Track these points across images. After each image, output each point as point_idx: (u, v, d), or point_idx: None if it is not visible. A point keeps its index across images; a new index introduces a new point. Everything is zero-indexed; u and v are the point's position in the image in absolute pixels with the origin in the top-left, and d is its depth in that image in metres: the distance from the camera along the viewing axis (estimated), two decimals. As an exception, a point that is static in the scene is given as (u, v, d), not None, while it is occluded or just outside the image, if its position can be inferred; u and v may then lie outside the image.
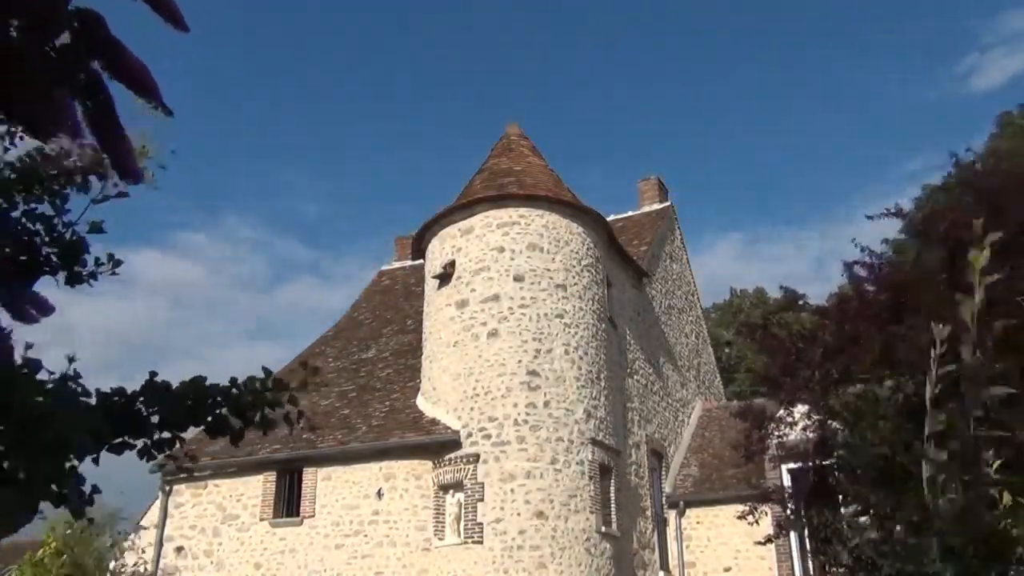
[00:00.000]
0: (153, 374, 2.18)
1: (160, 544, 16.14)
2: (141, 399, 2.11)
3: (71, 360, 2.11)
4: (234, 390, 2.26)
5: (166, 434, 2.16)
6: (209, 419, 2.22)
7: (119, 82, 1.51)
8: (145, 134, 2.90)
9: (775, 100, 78.71)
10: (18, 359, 1.84)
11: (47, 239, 2.37)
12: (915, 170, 68.82)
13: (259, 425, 2.29)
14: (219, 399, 2.22)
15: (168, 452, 2.22)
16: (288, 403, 2.39)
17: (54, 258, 2.37)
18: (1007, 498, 2.09)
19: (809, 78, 78.27)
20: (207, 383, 2.22)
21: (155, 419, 2.12)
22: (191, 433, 2.37)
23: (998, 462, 2.11)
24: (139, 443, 2.12)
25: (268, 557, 15.26)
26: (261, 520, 15.59)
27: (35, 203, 2.40)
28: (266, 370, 2.39)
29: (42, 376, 1.91)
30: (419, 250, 17.03)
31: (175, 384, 2.20)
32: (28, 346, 1.88)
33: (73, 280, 2.43)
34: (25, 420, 1.55)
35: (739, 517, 11.26)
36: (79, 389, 2.00)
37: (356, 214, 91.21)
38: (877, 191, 70.61)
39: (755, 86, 76.82)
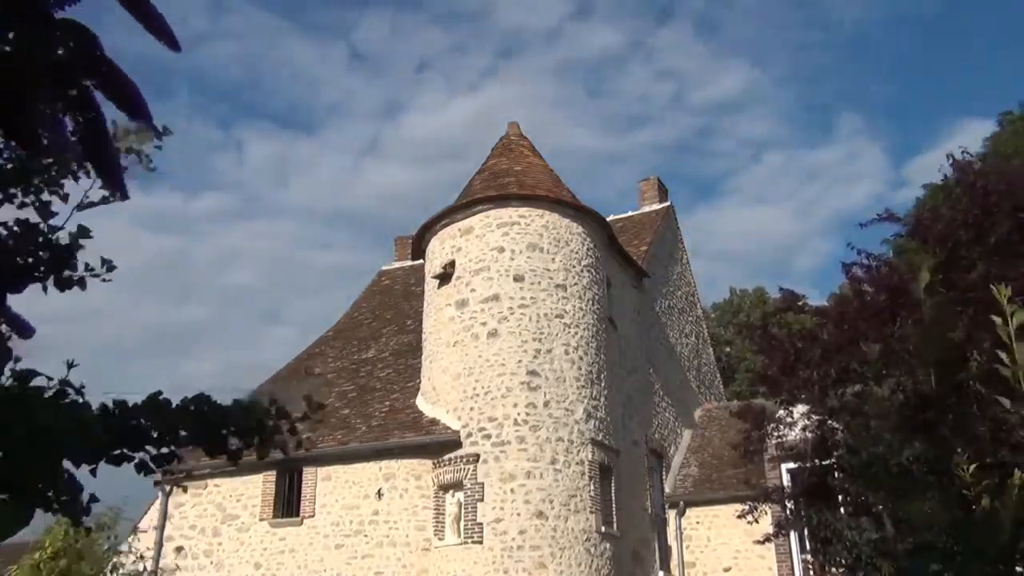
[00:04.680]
0: (157, 392, 2.19)
1: (160, 544, 16.15)
2: (142, 414, 2.12)
3: (70, 366, 2.12)
4: (236, 412, 2.27)
5: (165, 449, 2.16)
6: (210, 439, 2.23)
7: (110, 101, 1.52)
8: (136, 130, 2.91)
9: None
10: (7, 373, 1.85)
11: (36, 243, 2.38)
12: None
13: (258, 448, 2.30)
14: (221, 420, 2.23)
15: (166, 467, 2.22)
16: (288, 432, 2.41)
17: (44, 263, 2.38)
18: (985, 501, 2.10)
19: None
20: (210, 403, 2.23)
21: (155, 434, 2.13)
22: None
23: (973, 465, 2.12)
24: (137, 456, 2.13)
25: (268, 557, 15.26)
26: (261, 520, 15.60)
27: (23, 202, 2.41)
28: (271, 399, 2.40)
29: (40, 381, 1.92)
30: (419, 250, 17.04)
31: (176, 401, 2.21)
32: (16, 359, 1.88)
33: (62, 284, 2.43)
34: (21, 430, 1.56)
35: (739, 516, 11.27)
36: (79, 400, 2.01)
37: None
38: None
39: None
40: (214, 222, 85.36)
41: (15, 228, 2.33)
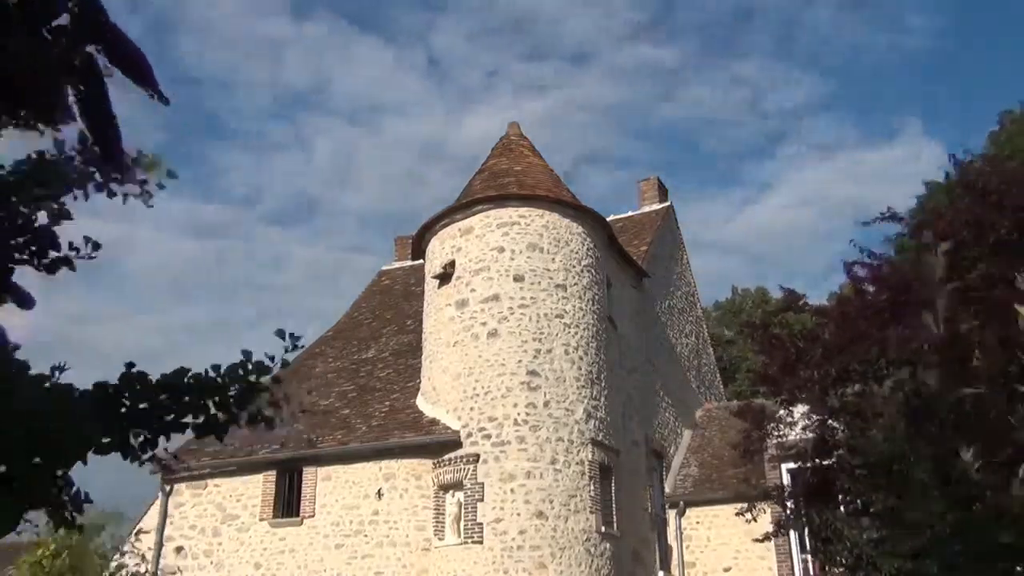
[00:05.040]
0: (130, 365, 2.12)
1: (160, 544, 16.13)
2: (124, 394, 2.06)
3: (60, 369, 2.08)
4: (218, 379, 2.19)
5: (146, 434, 2.10)
6: (190, 415, 2.17)
7: (116, 67, 1.50)
8: (152, 155, 2.90)
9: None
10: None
11: (13, 230, 2.35)
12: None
13: (250, 420, 2.25)
14: (204, 392, 2.16)
15: (152, 453, 2.17)
16: (273, 384, 2.32)
17: (26, 249, 2.35)
18: (991, 498, 2.10)
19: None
20: (191, 374, 2.17)
21: (136, 415, 2.06)
22: (188, 436, 2.34)
23: (978, 463, 2.12)
24: (121, 441, 2.09)
25: (268, 557, 15.25)
26: (261, 520, 15.58)
27: (34, 206, 2.39)
28: (245, 352, 2.30)
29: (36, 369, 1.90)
30: (419, 250, 17.03)
31: (155, 377, 2.14)
32: (15, 348, 1.86)
33: (50, 267, 2.40)
34: (16, 425, 1.54)
35: (738, 513, 11.27)
36: (63, 385, 1.98)
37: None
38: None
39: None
40: (273, 224, 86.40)
41: None
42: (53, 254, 2.35)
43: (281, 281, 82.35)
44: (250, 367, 2.25)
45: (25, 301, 1.86)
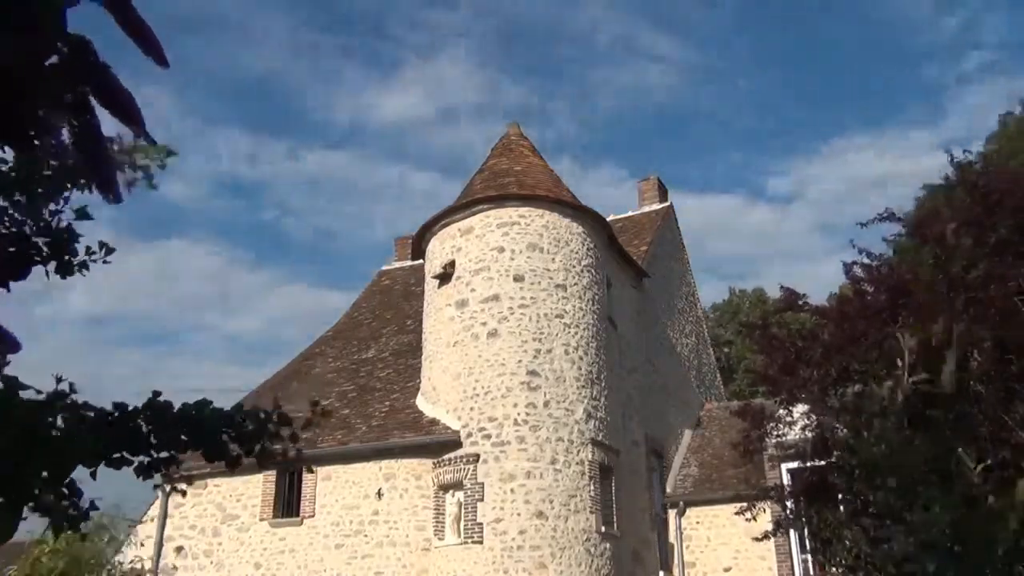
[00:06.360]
0: (156, 393, 2.18)
1: (160, 544, 16.14)
2: (141, 417, 2.11)
3: (58, 380, 2.10)
4: (238, 418, 2.25)
5: (164, 453, 2.15)
6: (209, 444, 2.22)
7: (104, 108, 1.51)
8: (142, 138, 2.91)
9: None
10: None
11: (35, 228, 2.36)
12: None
13: (258, 456, 2.29)
14: (222, 425, 2.22)
15: (164, 472, 2.21)
16: (289, 440, 2.39)
17: (45, 248, 2.36)
18: (992, 500, 2.11)
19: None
20: (211, 407, 2.22)
21: (154, 439, 2.11)
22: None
23: (981, 466, 2.12)
24: (136, 460, 2.12)
25: (268, 557, 15.26)
26: (261, 520, 15.59)
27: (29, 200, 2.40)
28: (275, 402, 2.39)
29: (32, 392, 1.91)
30: (419, 250, 17.04)
31: (177, 405, 2.20)
32: (3, 364, 1.87)
33: (64, 270, 2.41)
34: (20, 436, 1.55)
35: (737, 512, 11.28)
36: (77, 402, 2.00)
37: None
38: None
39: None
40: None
41: (14, 213, 2.31)
42: (69, 258, 2.36)
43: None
44: (274, 417, 2.31)
45: (11, 345, 1.86)
